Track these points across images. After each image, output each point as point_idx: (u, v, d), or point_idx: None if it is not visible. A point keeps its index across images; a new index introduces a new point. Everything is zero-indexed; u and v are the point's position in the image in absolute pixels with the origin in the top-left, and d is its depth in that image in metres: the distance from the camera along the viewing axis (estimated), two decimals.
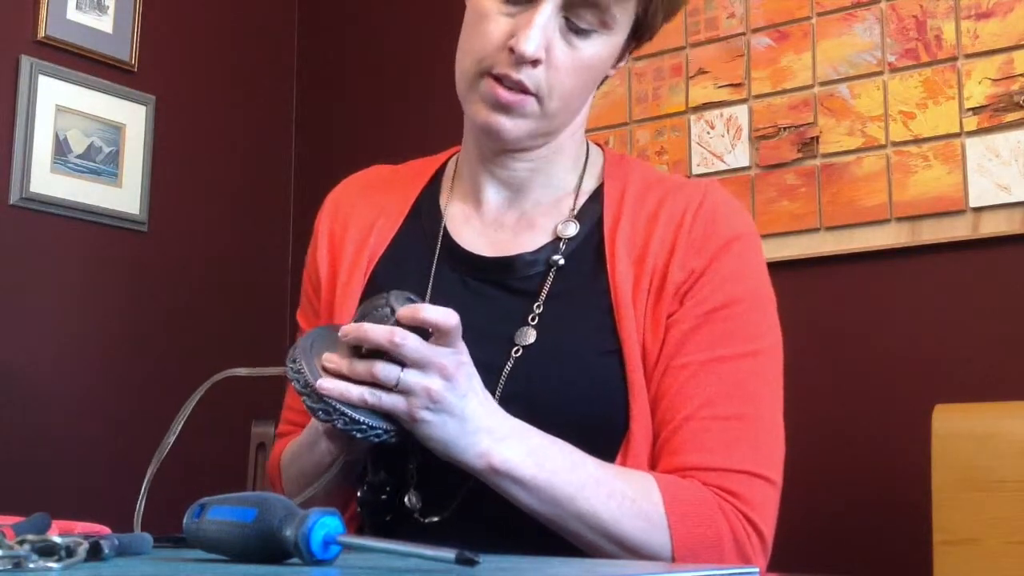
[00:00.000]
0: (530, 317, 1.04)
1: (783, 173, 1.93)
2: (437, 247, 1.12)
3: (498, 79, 1.01)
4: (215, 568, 0.66)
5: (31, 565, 0.61)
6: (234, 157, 2.53)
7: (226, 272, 2.47)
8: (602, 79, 1.11)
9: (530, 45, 0.99)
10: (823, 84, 1.91)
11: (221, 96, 2.51)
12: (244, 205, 2.53)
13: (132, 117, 2.30)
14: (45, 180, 2.14)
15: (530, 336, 1.03)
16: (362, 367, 0.88)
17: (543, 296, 1.05)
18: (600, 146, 1.18)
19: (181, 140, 2.41)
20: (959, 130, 1.77)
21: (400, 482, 1.03)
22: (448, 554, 0.62)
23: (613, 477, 0.95)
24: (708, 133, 2.01)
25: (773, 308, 1.08)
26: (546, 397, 1.00)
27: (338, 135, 2.59)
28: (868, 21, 1.88)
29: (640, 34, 1.09)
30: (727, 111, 2.00)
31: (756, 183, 1.95)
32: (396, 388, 0.88)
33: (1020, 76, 1.73)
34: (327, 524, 0.66)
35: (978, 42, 1.77)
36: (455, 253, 1.11)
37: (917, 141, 1.81)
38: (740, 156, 1.97)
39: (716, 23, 2.03)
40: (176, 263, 2.37)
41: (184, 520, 0.73)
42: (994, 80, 1.75)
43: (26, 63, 2.14)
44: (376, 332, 0.87)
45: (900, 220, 1.81)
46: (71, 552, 0.63)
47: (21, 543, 0.63)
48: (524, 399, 0.99)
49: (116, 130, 2.27)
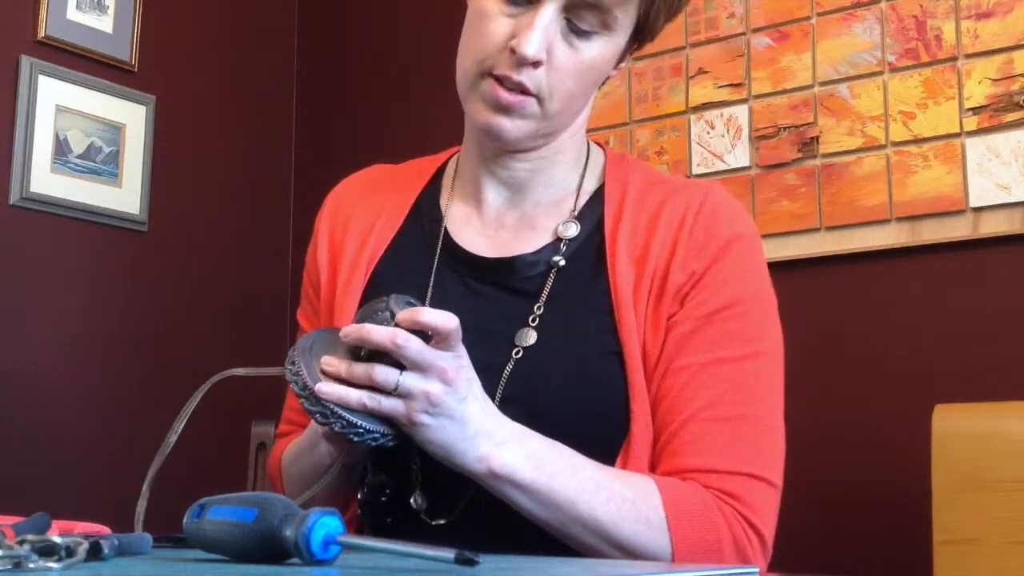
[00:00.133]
0: (531, 318, 1.04)
1: (783, 173, 1.93)
2: (438, 247, 1.11)
3: (499, 80, 1.01)
4: (215, 568, 0.66)
5: (31, 565, 0.61)
6: (234, 157, 2.53)
7: (226, 272, 2.47)
8: (603, 80, 1.11)
9: (531, 47, 0.98)
10: (823, 84, 1.91)
11: (221, 96, 2.51)
12: (244, 205, 2.53)
13: (132, 117, 2.30)
14: (45, 180, 2.14)
15: (530, 337, 1.02)
16: (361, 370, 0.88)
17: (544, 297, 1.05)
18: (601, 146, 1.18)
19: (181, 140, 2.41)
20: (959, 130, 1.77)
21: (401, 483, 1.03)
22: (448, 554, 0.62)
23: (613, 480, 0.95)
24: (708, 133, 2.01)
25: (774, 309, 1.08)
26: (546, 398, 1.00)
27: (338, 135, 2.59)
28: (868, 21, 1.88)
29: (641, 35, 1.08)
30: (727, 111, 2.00)
31: (756, 183, 1.95)
32: (395, 392, 0.88)
33: (1020, 76, 1.73)
34: (327, 524, 0.66)
35: (978, 42, 1.77)
36: (455, 254, 1.11)
37: (917, 141, 1.81)
38: (740, 156, 1.97)
39: (716, 23, 2.03)
40: (176, 263, 2.37)
41: (184, 520, 0.73)
42: (994, 80, 1.75)
43: (26, 63, 2.14)
44: (378, 334, 0.87)
45: (900, 220, 1.81)
46: (71, 552, 0.64)
47: (21, 543, 0.63)
48: (524, 400, 0.99)
49: (116, 130, 2.27)
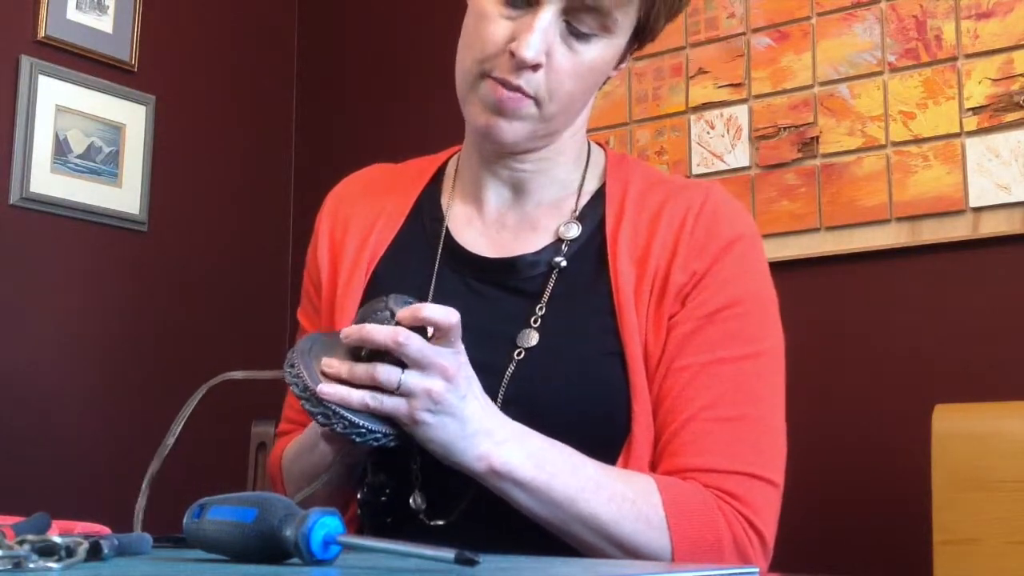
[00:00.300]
0: (532, 319, 1.04)
1: (783, 173, 1.93)
2: (439, 247, 1.11)
3: (498, 82, 1.01)
4: (215, 568, 0.66)
5: (31, 565, 0.61)
6: (234, 157, 2.53)
7: (226, 272, 2.47)
8: (603, 81, 1.11)
9: (530, 51, 0.98)
10: (823, 84, 1.91)
11: (221, 96, 2.51)
12: (244, 205, 2.53)
13: (132, 117, 2.30)
14: (45, 180, 2.14)
15: (532, 338, 1.02)
16: (362, 370, 0.88)
17: (545, 298, 1.05)
18: (601, 146, 1.18)
19: (181, 140, 2.41)
20: (959, 130, 1.77)
21: (401, 483, 1.03)
22: (448, 554, 0.62)
23: (613, 479, 0.95)
24: (708, 133, 2.01)
25: (775, 309, 1.08)
26: (548, 399, 1.00)
27: (338, 135, 2.59)
28: (868, 21, 1.88)
29: (642, 36, 1.08)
30: (727, 111, 2.00)
31: (756, 183, 1.95)
32: (397, 391, 0.88)
33: (1020, 76, 1.73)
34: (327, 524, 0.66)
35: (978, 42, 1.77)
36: (457, 254, 1.11)
37: (917, 141, 1.81)
38: (740, 156, 1.97)
39: (716, 23, 2.03)
40: (176, 263, 2.37)
41: (184, 520, 0.73)
42: (994, 80, 1.75)
43: (26, 63, 2.14)
44: (379, 333, 0.87)
45: (900, 220, 1.81)
46: (71, 552, 0.64)
47: (21, 543, 0.63)
48: (526, 401, 0.99)
49: (116, 130, 2.27)
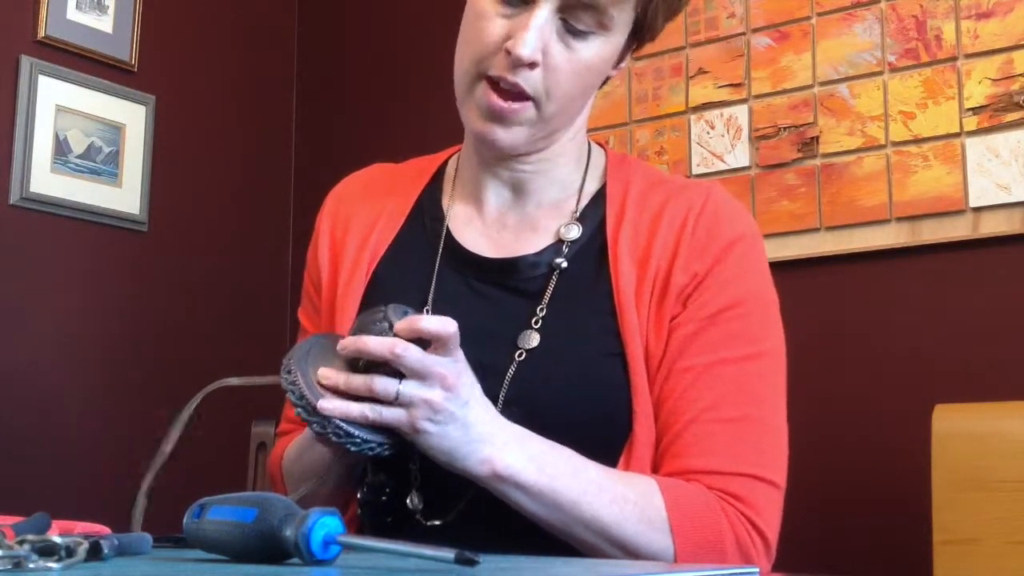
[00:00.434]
0: (533, 320, 1.04)
1: (783, 173, 1.93)
2: (439, 247, 1.11)
3: (495, 82, 1.01)
4: (215, 568, 0.66)
5: (31, 565, 0.61)
6: (234, 157, 2.52)
7: (226, 272, 2.47)
8: (602, 80, 1.11)
9: (526, 48, 0.98)
10: (823, 84, 1.91)
11: (221, 96, 2.51)
12: (244, 205, 2.53)
13: (132, 117, 2.30)
14: (45, 180, 2.14)
15: (533, 340, 1.02)
16: (360, 382, 0.88)
17: (546, 299, 1.05)
18: (602, 146, 1.18)
19: (181, 140, 2.41)
20: (959, 130, 1.77)
21: (401, 483, 1.03)
22: (448, 554, 0.62)
23: (615, 482, 0.95)
24: (708, 133, 2.01)
25: (776, 310, 1.08)
26: (549, 400, 1.00)
27: (338, 135, 2.59)
28: (868, 21, 1.88)
29: (641, 34, 1.08)
30: (727, 111, 2.00)
31: (756, 183, 1.95)
32: (396, 402, 0.88)
33: (1020, 76, 1.73)
34: (327, 524, 0.66)
35: (978, 42, 1.77)
36: (457, 254, 1.11)
37: (917, 141, 1.81)
38: (740, 156, 1.97)
39: (716, 23, 2.03)
40: (176, 263, 2.37)
41: (184, 520, 0.73)
42: (994, 80, 1.75)
43: (26, 63, 2.14)
44: (377, 344, 0.87)
45: (900, 220, 1.81)
46: (71, 552, 0.63)
47: (21, 543, 0.63)
48: (527, 402, 0.99)
49: (116, 130, 2.27)
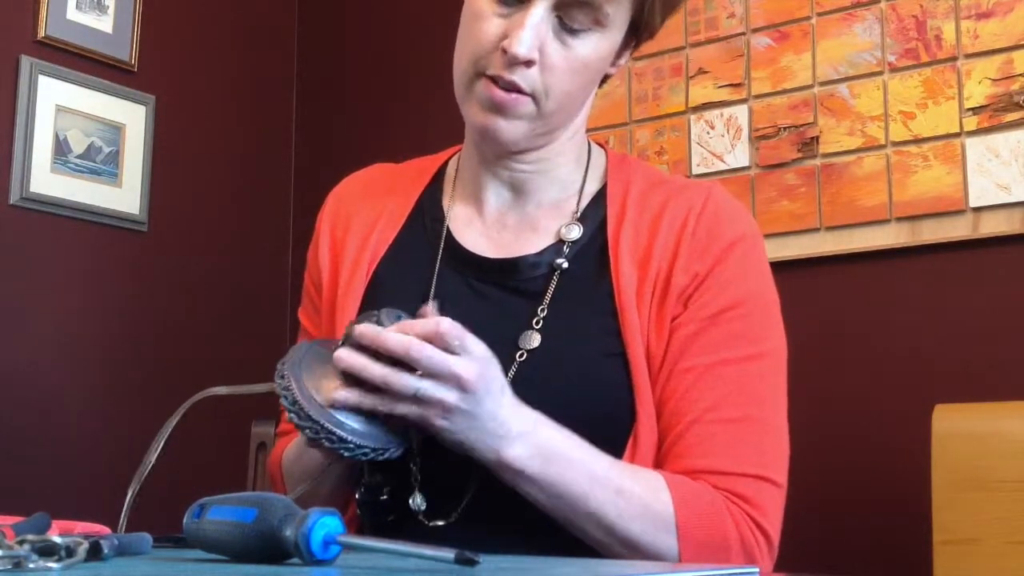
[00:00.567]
0: (534, 320, 1.04)
1: (783, 173, 1.93)
2: (440, 247, 1.11)
3: (493, 80, 1.01)
4: (215, 568, 0.66)
5: (31, 565, 0.61)
6: (234, 157, 2.52)
7: (226, 272, 2.47)
8: (601, 78, 1.11)
9: (522, 47, 0.98)
10: (823, 84, 1.91)
11: (221, 96, 2.51)
12: (244, 206, 2.53)
13: (132, 117, 2.30)
14: (45, 180, 2.14)
15: (534, 340, 1.02)
16: (379, 371, 0.87)
17: (547, 299, 1.05)
18: (602, 147, 1.18)
19: (181, 140, 2.40)
20: (959, 130, 1.77)
21: (400, 483, 1.03)
22: (448, 554, 0.62)
23: (623, 476, 0.96)
24: (708, 133, 2.01)
25: (777, 310, 1.08)
26: (550, 400, 0.99)
27: (338, 135, 2.59)
28: (868, 21, 1.88)
29: (639, 31, 1.08)
30: (727, 111, 2.00)
31: (756, 183, 1.95)
32: (412, 399, 0.88)
33: (1020, 76, 1.73)
34: (327, 524, 0.66)
35: (978, 42, 1.77)
36: (458, 254, 1.11)
37: (917, 141, 1.81)
38: (740, 156, 1.97)
39: (716, 23, 2.03)
40: (176, 263, 2.37)
41: (184, 520, 0.73)
42: (994, 80, 1.75)
43: (26, 63, 2.14)
44: (395, 342, 0.87)
45: (900, 220, 1.81)
46: (71, 552, 0.63)
47: (21, 543, 0.63)
48: (528, 402, 0.98)
49: (116, 130, 2.27)
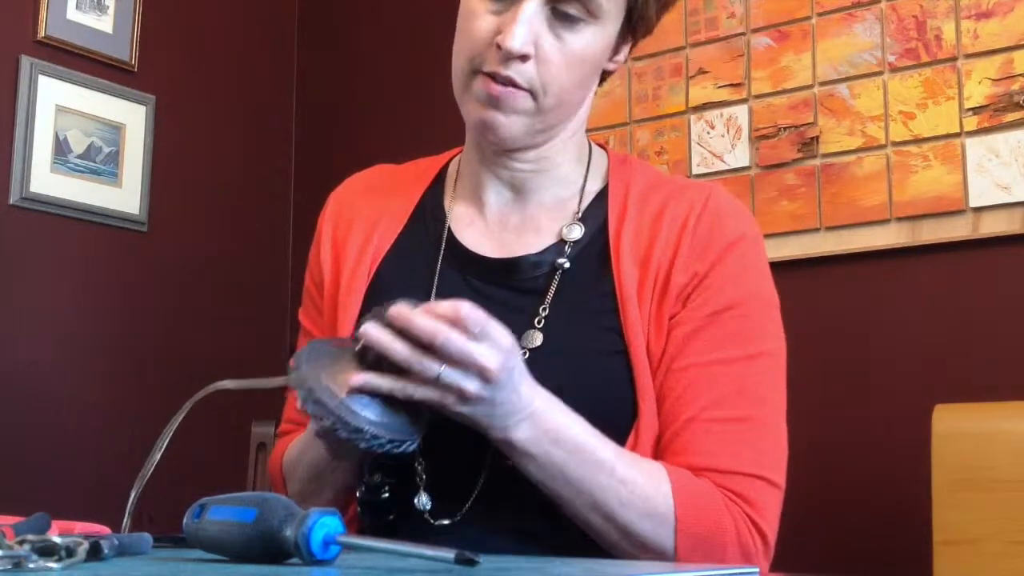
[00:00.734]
0: (536, 319, 1.04)
1: (783, 173, 1.93)
2: (441, 248, 1.12)
3: (490, 76, 1.02)
4: (215, 568, 0.66)
5: (31, 565, 0.61)
6: (234, 157, 2.52)
7: (226, 272, 2.47)
8: (600, 74, 1.11)
9: (515, 41, 0.99)
10: (823, 84, 1.91)
11: (221, 96, 2.51)
12: (244, 205, 2.53)
13: (132, 117, 2.30)
14: (45, 180, 2.14)
15: (536, 339, 1.03)
16: (403, 350, 0.87)
17: (548, 298, 1.05)
18: (603, 147, 1.18)
19: (181, 140, 2.40)
20: (959, 130, 1.77)
21: (401, 483, 1.03)
22: (448, 554, 0.62)
23: (627, 464, 0.96)
24: (708, 133, 2.01)
25: (776, 310, 1.08)
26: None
27: (338, 136, 2.59)
28: (868, 21, 1.88)
29: (635, 25, 1.08)
30: (727, 111, 2.00)
31: (756, 183, 1.95)
32: (434, 383, 0.87)
33: (1020, 76, 1.73)
34: (327, 524, 0.66)
35: (978, 42, 1.77)
36: (459, 254, 1.11)
37: (917, 141, 1.81)
38: (740, 156, 1.97)
39: (716, 23, 2.03)
40: (176, 263, 2.37)
41: (184, 520, 0.73)
42: (994, 80, 1.75)
43: (26, 63, 2.14)
44: (423, 324, 0.86)
45: (900, 220, 1.81)
46: (71, 552, 0.64)
47: (21, 543, 0.63)
48: None
49: (116, 130, 2.27)
